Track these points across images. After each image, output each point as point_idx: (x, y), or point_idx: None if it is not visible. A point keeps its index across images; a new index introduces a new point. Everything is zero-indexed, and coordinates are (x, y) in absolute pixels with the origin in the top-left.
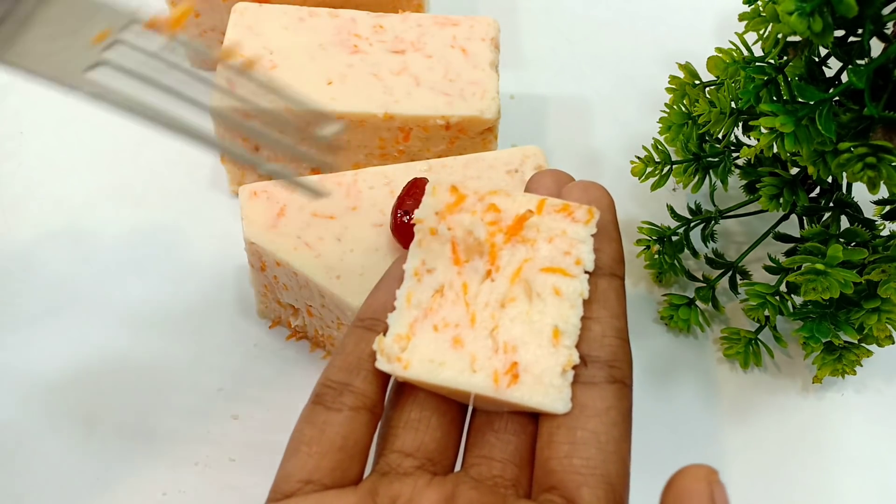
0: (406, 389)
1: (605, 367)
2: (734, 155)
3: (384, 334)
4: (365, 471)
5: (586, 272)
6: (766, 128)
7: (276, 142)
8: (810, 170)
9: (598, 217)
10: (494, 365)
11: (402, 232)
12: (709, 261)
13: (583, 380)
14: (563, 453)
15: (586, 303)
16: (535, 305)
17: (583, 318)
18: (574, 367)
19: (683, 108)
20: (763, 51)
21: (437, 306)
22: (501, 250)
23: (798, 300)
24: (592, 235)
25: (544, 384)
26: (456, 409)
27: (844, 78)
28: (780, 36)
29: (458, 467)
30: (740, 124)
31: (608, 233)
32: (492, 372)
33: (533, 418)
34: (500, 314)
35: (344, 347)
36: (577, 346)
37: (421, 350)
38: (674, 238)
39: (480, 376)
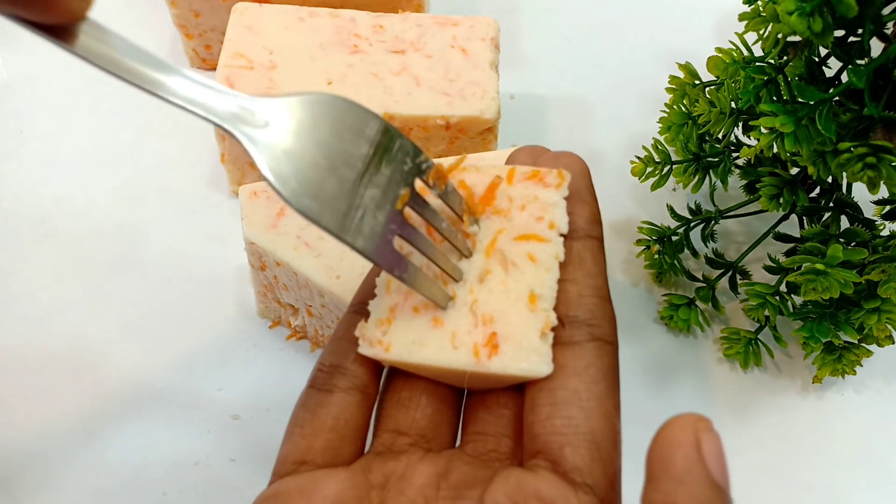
0: (398, 372)
1: (584, 326)
2: (734, 155)
3: (366, 320)
4: (363, 452)
5: (561, 235)
6: (766, 128)
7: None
8: (810, 170)
9: (569, 179)
10: (474, 339)
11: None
12: (709, 261)
13: (562, 341)
14: (544, 415)
15: (562, 266)
16: (511, 275)
17: (560, 281)
18: (553, 330)
19: (683, 108)
20: (763, 51)
21: None
22: (476, 221)
23: (798, 300)
24: (566, 198)
25: (524, 350)
26: (446, 386)
27: (844, 78)
28: (780, 36)
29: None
30: (740, 124)
31: (581, 195)
32: (472, 346)
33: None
34: (478, 288)
35: (336, 332)
36: (555, 309)
37: (402, 332)
38: (674, 238)
39: (461, 352)
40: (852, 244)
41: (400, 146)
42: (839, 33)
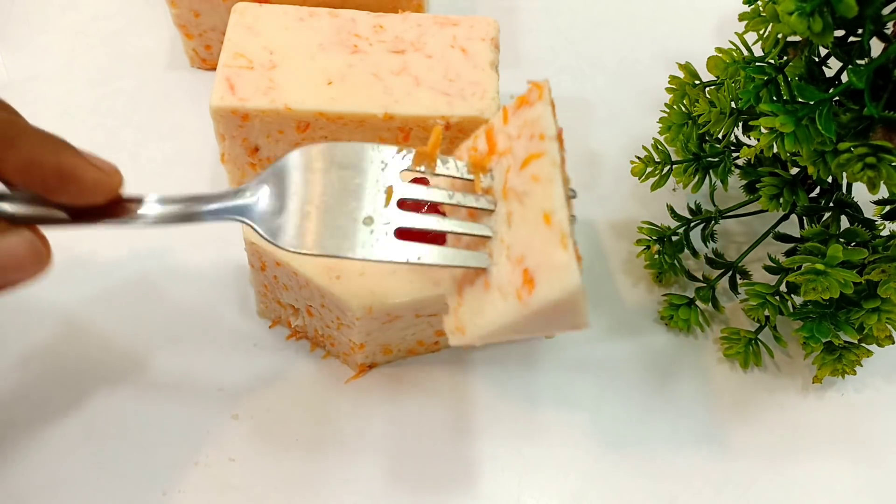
0: None
1: None
2: (734, 155)
3: (447, 314)
4: None
5: (553, 138)
6: (766, 128)
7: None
8: (810, 170)
9: (547, 86)
10: (515, 284)
11: (402, 232)
12: (709, 261)
13: None
14: None
15: None
16: (525, 205)
17: None
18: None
19: (683, 108)
20: (763, 51)
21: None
22: (489, 172)
23: (798, 300)
24: (551, 104)
25: (554, 270)
26: None
27: (844, 78)
28: (780, 36)
29: None
30: (740, 124)
31: None
32: (514, 292)
33: None
34: (508, 234)
35: None
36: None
37: (468, 310)
38: (674, 238)
39: (510, 302)
40: (852, 244)
41: (374, 156)
42: (839, 33)
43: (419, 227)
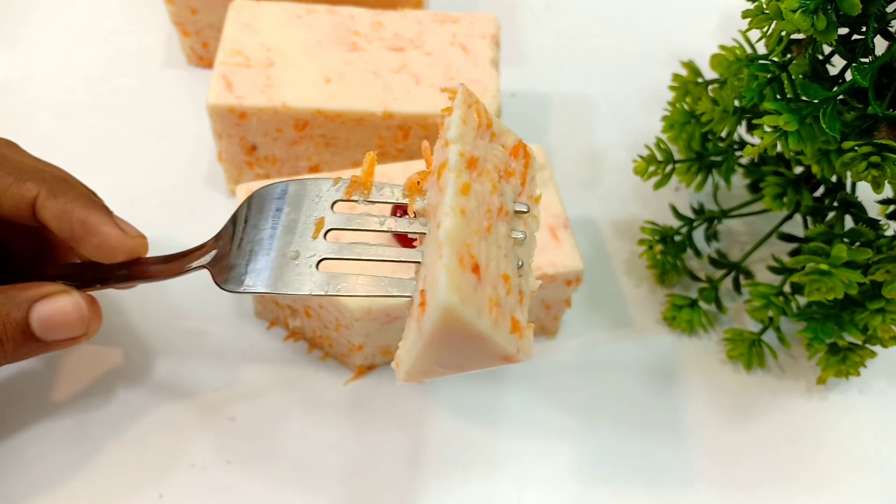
0: None
1: None
2: (737, 154)
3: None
4: None
5: (455, 143)
6: (769, 126)
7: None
8: (814, 169)
9: (460, 90)
10: (416, 313)
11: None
12: (712, 261)
13: None
14: None
15: None
16: (435, 219)
17: None
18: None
19: (686, 107)
20: (766, 48)
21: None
22: (425, 194)
23: (802, 301)
24: (471, 108)
25: (434, 287)
26: None
27: (848, 76)
28: (783, 33)
29: None
30: (744, 123)
31: None
32: (417, 320)
33: None
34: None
35: None
36: None
37: (404, 346)
38: (676, 238)
39: (414, 332)
40: (856, 244)
41: (310, 191)
42: (843, 31)
43: (343, 257)
